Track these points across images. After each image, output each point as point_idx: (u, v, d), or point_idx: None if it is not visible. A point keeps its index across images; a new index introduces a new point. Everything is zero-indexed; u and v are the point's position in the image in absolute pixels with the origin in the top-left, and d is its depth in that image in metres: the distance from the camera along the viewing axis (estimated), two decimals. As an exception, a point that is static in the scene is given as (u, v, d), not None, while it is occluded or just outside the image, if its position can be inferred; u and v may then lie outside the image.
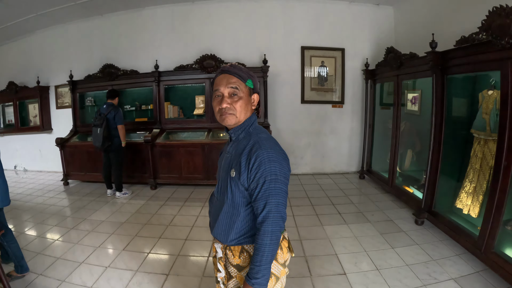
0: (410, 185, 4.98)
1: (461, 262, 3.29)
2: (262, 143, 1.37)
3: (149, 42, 6.69)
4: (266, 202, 1.31)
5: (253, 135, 1.45)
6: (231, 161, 1.46)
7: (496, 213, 2.98)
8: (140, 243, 3.82)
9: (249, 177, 1.35)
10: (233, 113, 1.43)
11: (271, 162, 1.32)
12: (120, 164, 5.47)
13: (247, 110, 1.47)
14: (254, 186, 1.34)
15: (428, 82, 4.65)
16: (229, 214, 1.45)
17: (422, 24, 5.52)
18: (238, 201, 1.42)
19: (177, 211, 4.83)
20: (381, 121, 6.17)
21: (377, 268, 3.21)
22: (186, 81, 6.36)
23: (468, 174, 3.82)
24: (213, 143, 5.83)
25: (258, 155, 1.32)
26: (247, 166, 1.35)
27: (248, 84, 1.46)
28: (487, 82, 3.65)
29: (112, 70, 6.41)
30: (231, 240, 1.46)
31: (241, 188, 1.39)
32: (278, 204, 1.32)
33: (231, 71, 1.45)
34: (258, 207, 1.34)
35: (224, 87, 1.43)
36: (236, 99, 1.43)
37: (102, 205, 5.17)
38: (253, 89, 1.50)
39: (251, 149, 1.37)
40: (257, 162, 1.32)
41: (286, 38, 6.51)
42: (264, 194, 1.31)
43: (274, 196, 1.32)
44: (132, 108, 6.71)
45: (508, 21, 2.66)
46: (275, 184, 1.31)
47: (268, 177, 1.30)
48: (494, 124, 3.44)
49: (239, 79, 1.44)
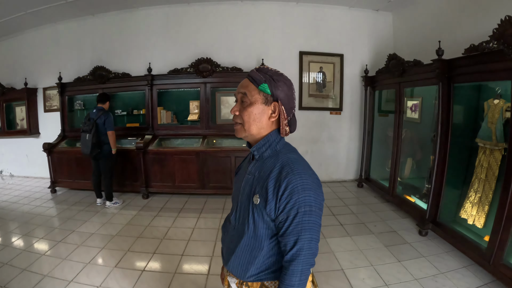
0: (412, 194, 4.90)
1: (469, 274, 3.23)
2: (293, 166, 1.17)
3: (142, 44, 6.50)
4: (297, 238, 1.13)
5: (281, 154, 1.24)
6: (254, 184, 1.25)
7: (506, 224, 2.93)
8: (133, 259, 3.60)
9: (278, 207, 1.15)
10: (241, 124, 1.26)
11: (305, 191, 1.12)
12: (110, 172, 5.24)
13: (260, 122, 1.25)
14: (284, 218, 1.14)
15: (429, 89, 4.63)
16: (249, 248, 1.25)
17: (422, 31, 5.49)
18: (261, 233, 1.22)
19: (171, 222, 4.61)
20: (380, 128, 6.11)
21: (386, 283, 3.10)
22: (180, 86, 6.19)
23: (473, 184, 3.77)
24: (208, 150, 5.65)
25: (289, 181, 1.12)
26: (276, 194, 1.15)
27: (262, 89, 1.23)
28: (493, 91, 3.61)
29: (103, 72, 6.19)
30: (249, 276, 1.27)
31: (266, 219, 1.19)
32: (311, 240, 1.14)
33: (248, 74, 1.28)
34: (287, 243, 1.15)
35: (237, 92, 1.29)
36: (244, 107, 1.25)
37: (92, 215, 4.92)
38: (271, 95, 1.24)
39: (280, 173, 1.16)
40: (289, 190, 1.12)
41: (284, 43, 6.41)
42: (295, 228, 1.13)
43: (308, 231, 1.13)
44: (124, 112, 6.49)
45: (522, 31, 2.61)
46: (309, 217, 1.13)
47: (301, 208, 1.11)
48: (500, 134, 3.40)
49: (252, 83, 1.25)
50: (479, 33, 3.75)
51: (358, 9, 6.42)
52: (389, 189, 5.27)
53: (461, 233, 3.65)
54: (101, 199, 5.37)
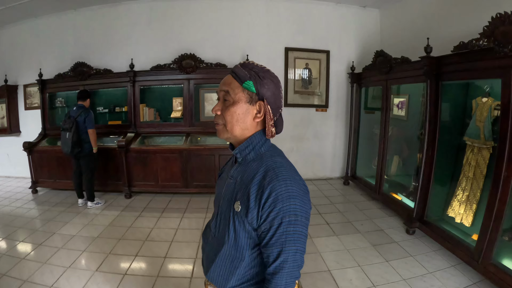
0: (398, 192, 4.88)
1: (458, 273, 3.21)
2: (278, 171, 1.07)
3: (125, 39, 6.31)
4: (281, 250, 1.03)
5: (265, 157, 1.14)
6: (235, 189, 1.16)
7: (495, 224, 2.91)
8: (115, 262, 3.46)
9: (260, 215, 1.04)
10: (223, 124, 1.16)
11: (291, 199, 1.02)
12: (91, 172, 5.07)
13: (244, 122, 1.15)
14: (266, 228, 1.04)
15: (415, 87, 4.61)
16: (230, 258, 1.16)
17: (409, 28, 5.46)
18: (242, 243, 1.13)
19: (154, 223, 4.48)
20: (366, 126, 6.08)
21: (374, 284, 3.05)
22: (163, 82, 6.04)
23: (460, 183, 3.75)
24: (192, 148, 5.54)
25: (273, 187, 1.02)
26: (258, 201, 1.05)
27: (247, 87, 1.12)
28: (481, 89, 3.59)
29: (84, 69, 5.98)
30: (230, 287, 1.17)
31: (247, 228, 1.09)
32: (296, 252, 1.04)
33: (232, 70, 1.17)
34: (270, 254, 1.05)
35: (219, 90, 1.18)
36: (227, 106, 1.15)
37: (73, 216, 4.75)
38: (256, 94, 1.13)
39: (264, 178, 1.07)
40: (272, 198, 1.01)
41: (270, 39, 6.30)
42: (279, 239, 1.03)
43: (292, 242, 1.03)
44: (105, 110, 6.31)
45: (513, 29, 2.58)
46: (294, 227, 1.02)
47: (286, 218, 1.01)
48: (489, 132, 3.37)
49: (235, 79, 1.14)
50: (467, 31, 3.71)
51: (345, 6, 6.36)
52: (376, 187, 5.23)
53: (449, 232, 3.63)
54: (82, 199, 5.21)
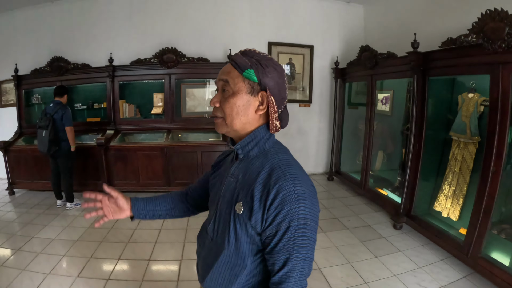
0: (384, 188, 4.90)
1: (447, 267, 3.25)
2: (285, 169, 0.96)
3: (104, 33, 6.04)
4: (288, 257, 0.92)
5: (270, 154, 1.04)
6: (237, 189, 1.04)
7: (484, 218, 2.95)
8: (97, 267, 3.29)
9: (265, 218, 0.94)
10: (222, 117, 1.04)
11: (300, 200, 0.91)
12: (70, 171, 4.82)
13: (245, 115, 1.03)
14: (272, 233, 0.94)
15: (399, 82, 4.64)
16: (229, 265, 1.04)
17: (393, 24, 5.48)
18: (244, 249, 1.01)
19: (137, 224, 4.28)
20: (349, 121, 6.10)
21: (365, 281, 3.05)
22: (144, 77, 5.84)
23: (447, 177, 3.79)
24: (174, 145, 5.39)
25: (281, 187, 0.92)
26: (263, 202, 0.94)
27: (247, 76, 1.01)
28: (464, 86, 3.63)
29: (62, 63, 5.69)
30: None
31: (250, 232, 0.98)
32: (304, 259, 0.94)
33: (231, 58, 1.06)
34: (275, 262, 0.95)
35: (217, 80, 1.07)
36: (226, 97, 1.03)
37: (52, 219, 4.51)
38: (258, 84, 1.02)
39: (269, 177, 0.96)
40: (279, 199, 0.91)
41: (253, 33, 6.20)
42: (286, 245, 0.92)
43: (301, 248, 0.93)
44: (84, 106, 6.04)
45: (503, 25, 2.61)
46: (303, 232, 0.92)
47: (294, 221, 0.91)
48: (475, 128, 3.41)
49: (235, 68, 1.02)
50: (452, 27, 3.74)
51: (329, 1, 6.33)
52: (361, 182, 5.25)
53: (437, 226, 3.68)
54: (61, 200, 4.95)
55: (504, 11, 2.59)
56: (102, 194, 1.29)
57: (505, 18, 2.58)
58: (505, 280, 2.69)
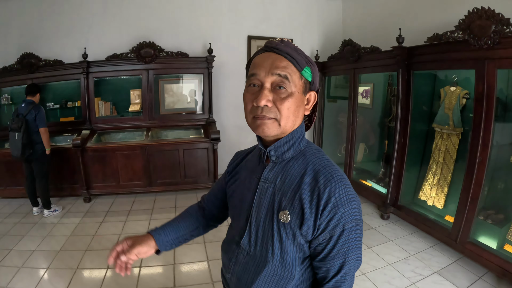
0: (368, 179, 5.04)
1: (437, 253, 3.41)
2: (331, 170, 0.92)
3: (77, 27, 5.66)
4: (344, 261, 0.90)
5: (308, 155, 0.98)
6: (277, 195, 0.97)
7: (471, 205, 3.12)
8: (86, 279, 3.09)
9: (318, 225, 0.89)
10: (275, 118, 0.91)
11: (351, 202, 0.89)
12: (45, 176, 4.54)
13: (297, 116, 0.95)
14: (326, 239, 0.90)
15: (379, 76, 4.80)
16: (275, 278, 0.97)
17: (370, 19, 5.57)
18: (291, 259, 0.95)
19: (121, 228, 4.13)
20: (329, 114, 6.19)
21: (363, 272, 3.13)
22: (120, 73, 5.57)
23: (431, 167, 3.95)
24: (154, 144, 5.21)
25: (332, 191, 0.88)
26: (315, 208, 0.89)
27: (305, 74, 0.93)
28: (449, 78, 3.78)
29: (33, 60, 5.29)
30: None
31: (299, 241, 0.93)
32: (357, 260, 0.93)
33: (282, 50, 0.92)
34: (330, 268, 0.92)
35: (267, 73, 0.90)
36: (284, 96, 0.90)
37: (29, 228, 4.19)
38: (311, 83, 0.97)
39: (315, 180, 0.92)
40: (332, 203, 0.87)
41: (232, 27, 6.10)
42: (341, 249, 0.90)
43: (354, 250, 0.91)
44: (57, 105, 5.68)
45: (489, 23, 2.74)
46: (355, 233, 0.90)
47: (347, 224, 0.88)
48: (458, 119, 3.57)
49: (293, 64, 0.91)
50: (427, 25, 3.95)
51: (308, -6, 6.36)
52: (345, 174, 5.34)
53: (424, 215, 3.84)
54: (38, 207, 4.66)
55: (491, 10, 2.71)
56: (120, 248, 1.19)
57: (491, 16, 2.71)
58: (493, 262, 2.87)
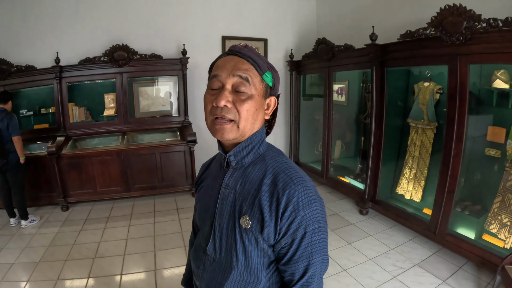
0: (345, 176, 5.09)
1: (417, 246, 3.47)
2: (290, 173, 0.91)
3: (49, 30, 5.41)
4: (308, 264, 0.90)
5: (267, 158, 0.97)
6: (238, 201, 0.96)
7: (448, 197, 3.20)
8: None
9: (279, 229, 0.88)
10: (234, 120, 0.90)
11: (312, 204, 0.88)
12: (21, 186, 4.37)
13: (256, 119, 0.94)
14: (288, 242, 0.89)
15: (353, 73, 4.86)
16: (242, 283, 0.96)
17: (344, 18, 5.61)
18: (256, 264, 0.95)
19: (100, 236, 4.01)
20: (306, 112, 6.22)
21: (344, 268, 3.15)
22: (94, 77, 5.40)
23: (407, 162, 4.03)
24: (130, 148, 5.08)
25: (291, 194, 0.87)
26: (275, 212, 0.88)
27: (266, 79, 0.94)
28: (422, 74, 3.85)
29: (4, 66, 5.04)
30: None
31: (262, 245, 0.92)
32: (322, 262, 0.92)
33: (244, 53, 0.92)
34: (295, 271, 0.91)
35: (229, 74, 0.90)
36: (244, 98, 0.89)
37: (7, 240, 4.00)
38: (271, 88, 0.97)
39: (274, 184, 0.90)
40: (292, 206, 0.86)
41: (206, 27, 6.02)
42: (304, 252, 0.89)
43: (319, 252, 0.90)
44: (30, 112, 5.44)
45: (461, 19, 2.80)
46: (318, 235, 0.89)
47: (309, 226, 0.87)
48: (432, 114, 3.65)
49: (255, 68, 0.91)
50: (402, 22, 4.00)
51: (282, -7, 6.36)
52: (323, 171, 5.39)
53: (402, 208, 3.91)
54: (14, 218, 4.45)
55: (462, 7, 2.78)
56: None
57: (463, 13, 2.77)
58: (472, 252, 2.96)
